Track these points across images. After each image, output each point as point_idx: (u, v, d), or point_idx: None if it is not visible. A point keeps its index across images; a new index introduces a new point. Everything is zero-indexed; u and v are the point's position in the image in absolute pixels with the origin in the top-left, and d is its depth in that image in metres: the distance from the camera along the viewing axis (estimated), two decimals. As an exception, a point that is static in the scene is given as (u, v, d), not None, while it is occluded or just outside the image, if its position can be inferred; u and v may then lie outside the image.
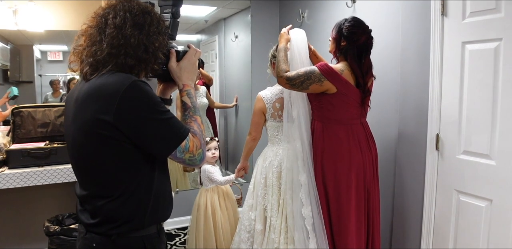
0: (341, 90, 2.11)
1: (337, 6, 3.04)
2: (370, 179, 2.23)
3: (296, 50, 2.24)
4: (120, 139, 1.14)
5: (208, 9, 4.01)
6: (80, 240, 1.28)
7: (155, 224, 1.29)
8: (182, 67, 1.34)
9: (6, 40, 3.25)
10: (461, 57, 2.14)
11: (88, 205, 1.25)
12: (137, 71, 1.21)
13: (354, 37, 2.11)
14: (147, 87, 1.16)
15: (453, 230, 2.23)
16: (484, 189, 2.06)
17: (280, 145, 2.45)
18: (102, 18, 1.21)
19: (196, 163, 1.23)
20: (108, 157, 1.17)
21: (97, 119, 1.12)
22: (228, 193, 2.92)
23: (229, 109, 4.32)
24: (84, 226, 1.26)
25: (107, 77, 1.15)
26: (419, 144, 2.39)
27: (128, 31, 1.17)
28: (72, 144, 1.25)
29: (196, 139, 1.23)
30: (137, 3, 1.23)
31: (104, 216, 1.20)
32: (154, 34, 1.22)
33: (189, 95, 1.32)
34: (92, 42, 1.20)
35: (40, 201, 2.84)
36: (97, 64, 1.18)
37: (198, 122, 1.29)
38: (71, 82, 3.62)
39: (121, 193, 1.19)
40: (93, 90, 1.15)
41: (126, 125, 1.13)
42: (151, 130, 1.14)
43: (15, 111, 2.60)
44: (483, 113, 2.05)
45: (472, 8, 2.07)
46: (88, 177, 1.25)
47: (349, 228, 2.16)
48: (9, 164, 2.38)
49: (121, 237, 1.21)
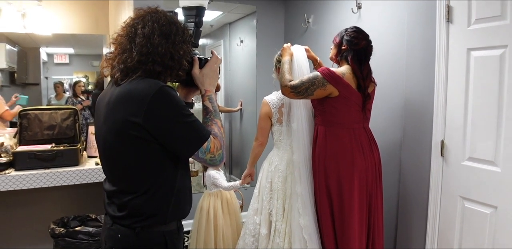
0: (343, 93, 2.16)
1: (342, 12, 3.06)
2: (373, 183, 2.25)
3: (296, 64, 2.33)
4: (148, 140, 1.23)
5: (214, 13, 4.04)
6: (106, 231, 1.37)
7: (176, 220, 1.38)
8: (205, 73, 1.43)
9: (13, 43, 3.28)
10: (466, 64, 2.15)
11: (115, 199, 1.34)
12: (163, 77, 1.29)
13: (354, 41, 2.20)
14: (174, 92, 1.25)
15: (458, 237, 2.23)
16: (489, 196, 2.06)
17: (286, 149, 2.46)
18: (132, 28, 1.29)
19: (216, 163, 1.33)
20: (136, 155, 1.27)
21: (127, 121, 1.22)
22: (231, 198, 2.93)
23: (234, 113, 4.33)
24: (111, 217, 1.36)
25: (137, 83, 1.24)
26: (423, 150, 2.39)
27: (156, 40, 1.26)
28: (103, 144, 1.35)
29: (217, 141, 1.32)
30: (163, 14, 1.32)
31: (130, 210, 1.30)
32: (179, 43, 1.31)
33: (211, 100, 1.42)
34: (123, 50, 1.29)
35: (46, 203, 2.85)
36: (128, 70, 1.27)
37: (218, 125, 1.39)
38: (76, 85, 3.65)
39: (147, 189, 1.29)
40: (124, 94, 1.24)
41: (154, 126, 1.22)
42: (176, 131, 1.24)
43: (22, 113, 2.62)
44: (488, 119, 2.05)
45: (478, 15, 2.08)
46: (116, 174, 1.35)
47: (352, 232, 2.16)
48: (16, 166, 2.39)
49: (144, 231, 1.30)
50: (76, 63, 3.68)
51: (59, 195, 2.88)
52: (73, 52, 3.65)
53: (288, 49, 2.38)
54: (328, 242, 2.23)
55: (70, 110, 2.73)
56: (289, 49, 2.38)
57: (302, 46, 2.43)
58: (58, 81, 3.59)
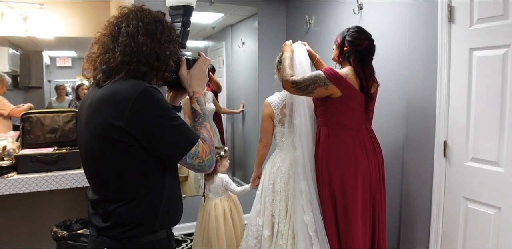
0: (346, 94, 2.15)
1: (344, 12, 3.05)
2: (376, 184, 2.24)
3: (297, 61, 2.33)
4: (132, 144, 1.16)
5: (215, 15, 4.04)
6: (92, 243, 1.30)
7: (166, 229, 1.30)
8: (192, 74, 1.37)
9: (16, 47, 3.30)
10: (469, 64, 2.14)
11: (100, 209, 1.26)
12: (149, 78, 1.23)
13: (356, 42, 2.18)
14: (159, 94, 1.18)
15: (462, 237, 2.21)
16: (492, 197, 2.04)
17: (288, 150, 2.46)
18: (115, 27, 1.23)
19: (205, 169, 1.25)
20: (120, 161, 1.19)
21: (110, 124, 1.15)
22: (235, 201, 2.94)
23: (236, 115, 4.33)
24: (96, 229, 1.28)
25: (120, 84, 1.18)
26: (426, 151, 2.38)
27: (141, 40, 1.20)
28: (85, 149, 1.27)
29: (206, 145, 1.25)
30: (149, 12, 1.26)
31: (116, 220, 1.22)
32: (165, 43, 1.24)
33: (199, 102, 1.35)
34: (106, 50, 1.22)
35: (48, 206, 2.85)
36: (110, 71, 1.21)
37: (207, 129, 1.32)
38: (79, 88, 3.66)
39: (133, 197, 1.21)
40: (106, 96, 1.17)
41: (138, 130, 1.15)
42: (162, 135, 1.17)
43: (24, 117, 2.62)
44: (491, 119, 2.04)
45: (480, 15, 2.07)
46: (100, 181, 1.27)
47: (356, 232, 2.16)
48: (18, 169, 2.39)
49: (132, 241, 1.23)
50: (79, 66, 3.65)
51: (61, 198, 2.88)
52: (76, 55, 3.66)
53: (290, 45, 2.40)
54: (332, 243, 2.22)
55: (72, 113, 2.73)
56: (291, 46, 2.39)
57: (302, 43, 2.45)
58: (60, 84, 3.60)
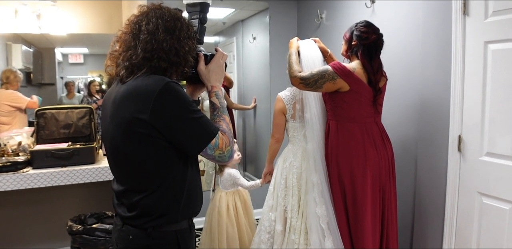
0: (354, 88, 2.16)
1: (355, 6, 3.03)
2: (386, 177, 2.24)
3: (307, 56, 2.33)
4: (155, 137, 1.22)
5: (226, 11, 4.03)
6: (117, 232, 1.36)
7: (187, 219, 1.36)
8: (211, 69, 1.42)
9: (29, 44, 3.32)
10: (484, 57, 2.11)
11: (125, 200, 1.32)
12: (169, 73, 1.28)
13: (364, 35, 2.20)
14: (180, 88, 1.23)
15: (476, 232, 2.19)
16: (508, 192, 2.02)
17: (300, 145, 2.45)
18: (136, 25, 1.29)
19: (225, 160, 1.30)
20: (144, 153, 1.25)
21: (134, 118, 1.20)
22: (244, 197, 2.93)
23: (247, 111, 4.33)
24: (121, 219, 1.34)
25: (143, 79, 1.23)
26: (440, 146, 2.36)
27: (161, 36, 1.25)
28: (110, 142, 1.33)
29: (225, 137, 1.30)
30: (167, 10, 1.31)
31: (141, 210, 1.28)
32: (184, 39, 1.30)
33: (218, 96, 1.41)
34: (127, 47, 1.28)
35: (63, 201, 2.89)
36: (133, 67, 1.26)
37: (226, 121, 1.37)
38: (91, 84, 3.68)
39: (157, 188, 1.27)
40: (130, 91, 1.23)
41: (161, 123, 1.20)
42: (184, 128, 1.22)
43: (38, 113, 2.66)
44: (506, 114, 2.01)
45: (495, 7, 2.04)
46: (125, 173, 1.33)
47: (366, 226, 2.16)
48: (33, 164, 2.44)
49: (156, 231, 1.29)
50: (91, 63, 3.71)
51: (76, 193, 2.92)
52: (88, 52, 3.68)
53: (295, 41, 2.40)
54: (343, 235, 2.22)
55: (85, 109, 2.77)
56: (296, 42, 2.40)
57: (313, 40, 2.46)
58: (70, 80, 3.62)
